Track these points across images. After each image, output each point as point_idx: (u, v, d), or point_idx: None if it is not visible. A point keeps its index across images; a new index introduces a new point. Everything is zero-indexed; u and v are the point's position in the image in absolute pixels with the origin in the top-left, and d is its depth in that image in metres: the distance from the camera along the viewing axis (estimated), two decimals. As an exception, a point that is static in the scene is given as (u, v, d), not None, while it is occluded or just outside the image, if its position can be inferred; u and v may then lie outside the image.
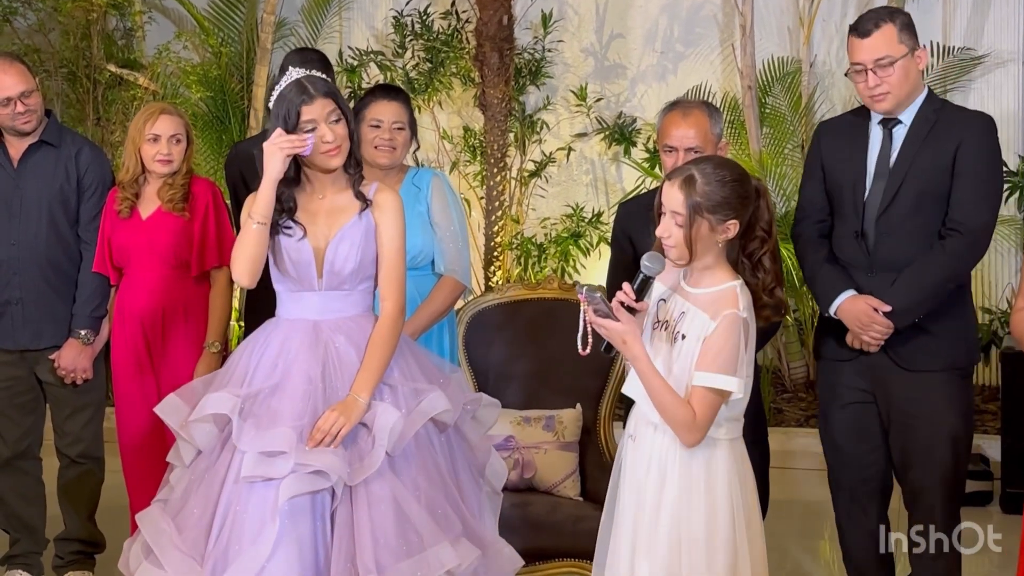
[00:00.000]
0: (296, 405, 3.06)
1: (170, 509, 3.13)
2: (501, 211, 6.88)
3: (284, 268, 3.21)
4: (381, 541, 2.97)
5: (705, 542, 2.86)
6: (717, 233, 2.88)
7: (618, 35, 7.28)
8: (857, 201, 3.62)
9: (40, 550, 4.49)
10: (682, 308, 2.92)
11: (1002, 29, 6.68)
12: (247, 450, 3.01)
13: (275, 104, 3.18)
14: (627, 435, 3.03)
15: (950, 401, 3.59)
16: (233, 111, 7.33)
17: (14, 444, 4.36)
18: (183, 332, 4.16)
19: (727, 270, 2.93)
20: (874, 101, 3.58)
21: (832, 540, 3.97)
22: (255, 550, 2.94)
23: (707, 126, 3.72)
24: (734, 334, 2.83)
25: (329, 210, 3.22)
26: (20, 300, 4.26)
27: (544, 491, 3.94)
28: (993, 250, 6.61)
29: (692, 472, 2.88)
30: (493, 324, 4.25)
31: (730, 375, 2.82)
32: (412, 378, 3.20)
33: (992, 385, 6.62)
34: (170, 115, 4.18)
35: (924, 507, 3.63)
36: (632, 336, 2.86)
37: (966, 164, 3.52)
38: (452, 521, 3.08)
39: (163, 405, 3.22)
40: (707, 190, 2.85)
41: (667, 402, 2.84)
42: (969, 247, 3.55)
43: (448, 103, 7.25)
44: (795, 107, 6.80)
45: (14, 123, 4.22)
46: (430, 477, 3.12)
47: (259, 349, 3.19)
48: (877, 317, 3.53)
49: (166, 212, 4.15)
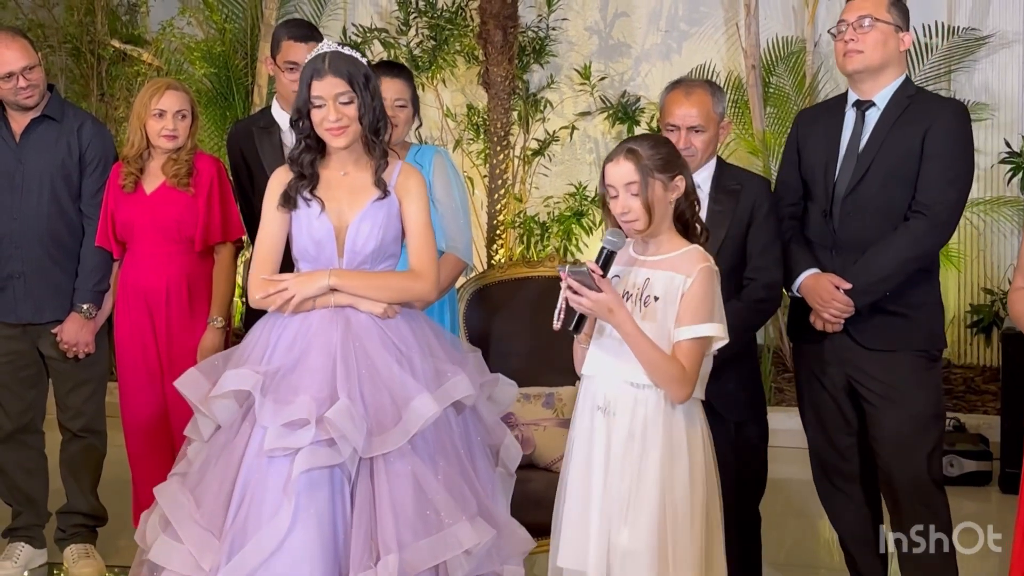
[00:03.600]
0: (316, 379, 3.07)
1: (188, 483, 3.14)
2: (504, 189, 6.87)
3: (304, 245, 3.23)
4: (401, 518, 2.98)
5: (688, 504, 2.96)
6: (669, 192, 3.04)
7: (622, 14, 7.27)
8: (828, 181, 3.66)
9: (42, 523, 4.52)
10: (645, 276, 3.05)
11: (1007, 9, 6.66)
12: (268, 425, 3.01)
13: (302, 71, 3.24)
14: (594, 408, 3.08)
15: (916, 383, 3.61)
16: (237, 87, 7.32)
17: (17, 418, 4.39)
18: (187, 307, 4.17)
19: (678, 236, 3.09)
20: (845, 59, 3.63)
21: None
22: (274, 525, 2.94)
23: (709, 105, 3.73)
24: (710, 285, 2.99)
25: (351, 187, 3.24)
26: (22, 274, 4.27)
27: (543, 467, 3.95)
28: (995, 231, 6.63)
29: (673, 434, 2.99)
30: (494, 301, 4.26)
31: (716, 322, 2.98)
32: (434, 356, 3.20)
33: (992, 366, 6.64)
34: (176, 91, 4.18)
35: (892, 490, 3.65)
36: (617, 303, 2.97)
37: (934, 147, 3.55)
38: (469, 501, 3.09)
39: (183, 379, 3.22)
40: (651, 152, 3.02)
41: (657, 360, 2.95)
42: (933, 228, 3.57)
43: (452, 81, 7.24)
44: (799, 87, 6.79)
45: (16, 98, 4.23)
46: (447, 456, 3.12)
47: (279, 327, 3.20)
48: (837, 294, 3.56)
49: (170, 187, 4.16)
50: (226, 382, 3.11)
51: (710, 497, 3.02)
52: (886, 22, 3.59)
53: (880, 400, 3.60)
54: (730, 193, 3.75)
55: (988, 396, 6.36)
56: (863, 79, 3.63)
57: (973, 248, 6.65)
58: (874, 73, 3.61)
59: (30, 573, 4.47)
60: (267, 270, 3.24)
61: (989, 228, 6.65)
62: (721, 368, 3.22)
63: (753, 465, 3.86)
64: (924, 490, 3.60)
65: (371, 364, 3.12)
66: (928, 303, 3.67)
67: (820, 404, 3.75)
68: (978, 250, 6.68)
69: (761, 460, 3.89)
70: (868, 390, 3.62)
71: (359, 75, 3.19)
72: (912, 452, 3.58)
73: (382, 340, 3.16)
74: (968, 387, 6.53)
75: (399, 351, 3.17)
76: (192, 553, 2.99)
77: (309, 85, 3.17)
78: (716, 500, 3.05)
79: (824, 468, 3.81)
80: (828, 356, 3.68)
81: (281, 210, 3.24)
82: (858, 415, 3.70)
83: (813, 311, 3.63)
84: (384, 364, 3.13)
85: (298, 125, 3.23)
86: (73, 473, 4.47)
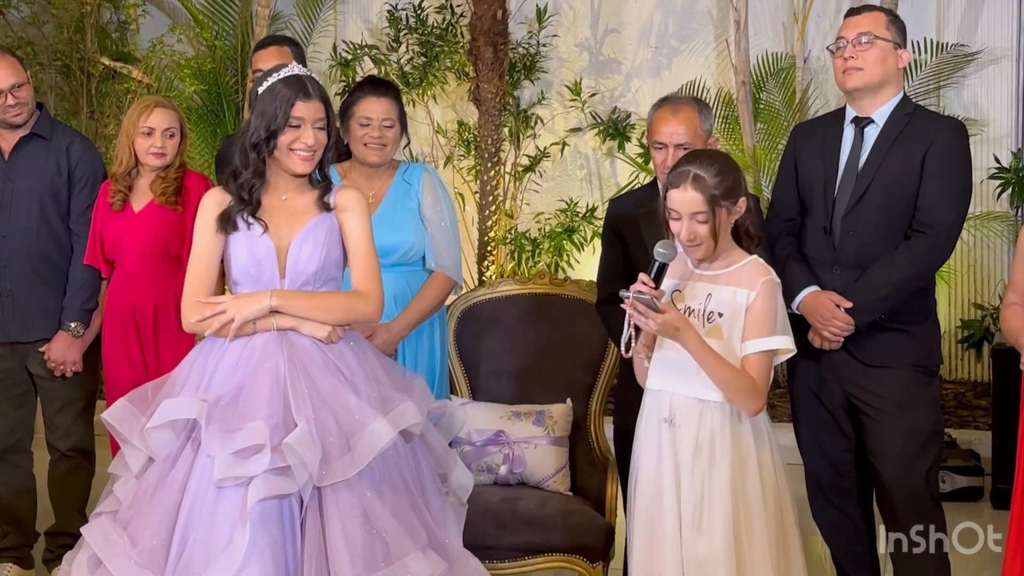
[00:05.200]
0: (264, 405, 2.95)
1: (120, 520, 2.98)
2: (495, 206, 6.88)
3: (243, 265, 3.12)
4: (352, 550, 2.87)
5: (762, 511, 3.01)
6: (732, 215, 3.07)
7: (613, 30, 7.29)
8: (827, 198, 3.65)
9: (30, 543, 4.49)
10: (707, 291, 3.08)
11: (996, 26, 6.70)
12: (216, 454, 2.88)
13: (265, 94, 3.10)
14: (660, 420, 3.10)
15: (914, 398, 3.60)
16: (227, 105, 7.32)
17: (5, 437, 4.35)
18: (174, 325, 4.13)
19: (737, 247, 3.11)
20: (845, 76, 3.63)
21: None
22: (228, 557, 2.82)
23: (696, 122, 3.73)
24: (775, 298, 3.04)
25: (290, 210, 3.15)
26: (10, 292, 4.25)
27: (534, 486, 3.93)
28: (985, 246, 6.64)
29: (742, 442, 3.03)
30: (484, 319, 4.25)
31: (782, 335, 3.04)
32: (378, 382, 3.10)
33: (983, 381, 6.64)
34: (164, 108, 4.18)
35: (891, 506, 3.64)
36: (683, 323, 3.00)
37: (934, 166, 3.55)
38: (418, 532, 2.99)
39: (112, 411, 3.08)
40: (717, 180, 3.03)
41: (728, 375, 2.98)
42: (934, 248, 3.58)
43: (442, 97, 7.25)
44: (789, 103, 6.81)
45: (5, 116, 4.21)
46: (395, 485, 3.02)
47: (216, 353, 3.08)
48: (838, 312, 3.55)
49: (159, 205, 4.14)
50: (166, 412, 2.97)
51: (782, 501, 3.07)
52: (885, 39, 3.59)
53: (879, 414, 3.59)
54: None
55: (979, 411, 6.36)
56: (862, 96, 3.63)
57: (963, 263, 6.66)
58: (873, 90, 3.62)
59: (18, 594, 4.45)
60: (202, 292, 3.12)
61: (979, 243, 6.66)
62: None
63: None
64: (922, 505, 3.59)
65: (315, 389, 3.01)
66: (926, 319, 3.67)
67: (817, 420, 3.74)
68: (968, 265, 6.70)
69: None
70: (867, 405, 3.61)
71: (329, 102, 3.15)
72: (911, 467, 3.57)
73: (325, 364, 3.06)
74: (959, 402, 6.53)
75: (342, 375, 3.06)
76: None
77: (292, 104, 3.07)
78: (788, 504, 3.09)
79: (819, 484, 3.80)
80: (825, 372, 3.68)
81: (218, 232, 3.13)
82: (856, 431, 3.69)
83: (812, 329, 3.62)
84: (330, 389, 3.02)
85: (264, 145, 3.09)
86: (62, 493, 4.44)
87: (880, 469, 3.62)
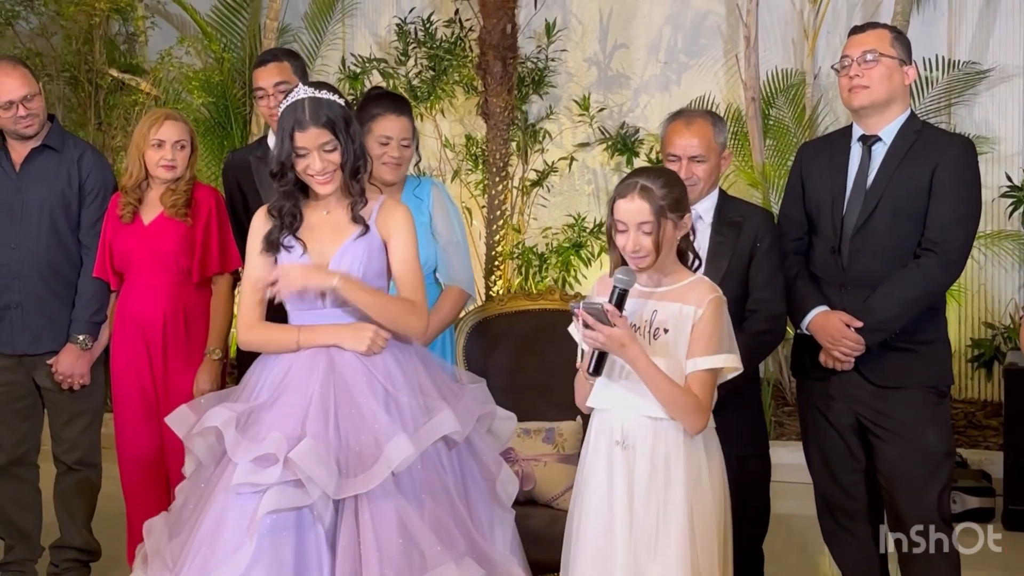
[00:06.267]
0: (290, 418, 3.03)
1: (170, 519, 3.15)
2: (502, 220, 6.85)
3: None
4: (386, 560, 2.92)
5: (714, 530, 2.98)
6: (678, 230, 3.04)
7: (622, 45, 7.27)
8: (835, 217, 3.64)
9: (35, 557, 4.47)
10: (653, 308, 3.04)
11: (1007, 43, 6.68)
12: (239, 460, 2.98)
13: (278, 123, 3.19)
14: (609, 444, 3.05)
15: (925, 419, 3.58)
16: (235, 117, 7.31)
17: (11, 450, 4.34)
18: (184, 339, 4.14)
19: (682, 266, 3.10)
20: (851, 95, 3.62)
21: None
22: (228, 568, 2.90)
23: (710, 135, 3.72)
24: (720, 315, 3.00)
25: (333, 225, 3.21)
26: (19, 304, 4.24)
27: (543, 504, 3.91)
28: (996, 265, 6.61)
29: (695, 465, 2.99)
30: (493, 334, 4.23)
31: (728, 352, 2.99)
32: (423, 393, 3.16)
33: (995, 401, 6.61)
34: (175, 121, 4.17)
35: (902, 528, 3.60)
36: (630, 338, 2.96)
37: (943, 185, 3.53)
38: (456, 540, 3.04)
39: (174, 416, 3.22)
40: (664, 192, 3.01)
41: (673, 393, 2.95)
42: (944, 267, 3.56)
43: (450, 111, 7.23)
44: (799, 119, 6.79)
45: (16, 127, 4.21)
46: (435, 495, 3.08)
47: (269, 366, 3.18)
48: (848, 332, 3.53)
49: (168, 218, 4.13)
50: (206, 419, 3.10)
51: (727, 524, 3.06)
52: (890, 56, 3.58)
53: (890, 436, 3.57)
54: (732, 225, 3.73)
55: (989, 431, 6.32)
56: (869, 114, 3.61)
57: (974, 282, 6.64)
58: (880, 108, 3.60)
59: (22, 608, 4.42)
60: (256, 313, 3.23)
61: (990, 262, 6.63)
62: (723, 401, 3.19)
63: (756, 501, 3.82)
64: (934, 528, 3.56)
65: (354, 403, 3.08)
66: (937, 339, 3.64)
67: (826, 441, 3.71)
68: (979, 284, 6.67)
69: (764, 496, 3.86)
70: (877, 426, 3.59)
71: (339, 120, 3.15)
72: (922, 490, 3.55)
73: (367, 379, 3.12)
74: (969, 422, 6.49)
75: (385, 391, 3.12)
76: None
77: (292, 136, 3.13)
78: (730, 527, 3.08)
79: (829, 506, 3.77)
80: (834, 392, 3.65)
81: (265, 253, 3.23)
82: (865, 452, 3.66)
83: (823, 349, 3.60)
84: (367, 403, 3.08)
85: (280, 177, 3.18)
86: (67, 507, 4.42)
87: (890, 491, 3.60)
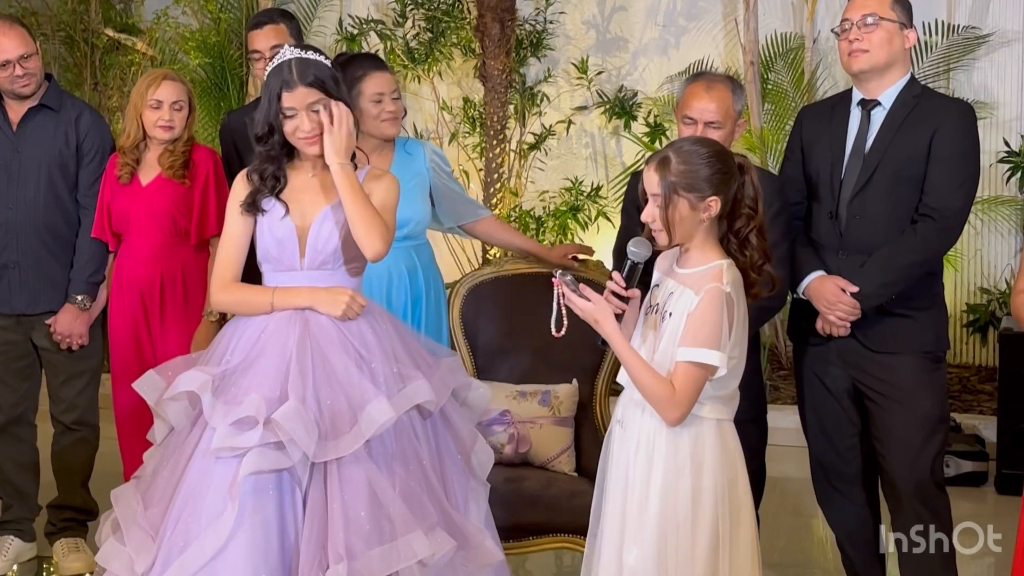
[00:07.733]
0: (267, 380, 2.99)
1: (140, 486, 3.11)
2: (500, 183, 6.84)
3: (266, 246, 3.16)
4: (353, 526, 2.88)
5: (690, 525, 2.82)
6: (699, 212, 2.84)
7: (620, 8, 7.24)
8: (834, 182, 3.62)
9: (32, 516, 4.49)
10: (671, 289, 2.89)
11: (1007, 8, 6.66)
12: (217, 425, 2.94)
13: (263, 86, 3.16)
14: (615, 421, 3.01)
15: (921, 384, 3.57)
16: (232, 78, 7.27)
17: (9, 410, 4.35)
18: (181, 300, 4.15)
19: (715, 249, 2.89)
20: (851, 59, 3.60)
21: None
22: (216, 528, 2.86)
23: (729, 102, 3.66)
24: (716, 308, 2.78)
25: (318, 187, 3.17)
26: (17, 264, 4.24)
27: (539, 466, 3.92)
28: (993, 231, 6.62)
29: (679, 454, 2.84)
30: (490, 298, 4.23)
31: (712, 349, 2.77)
32: (397, 361, 3.11)
33: (989, 366, 6.63)
34: (172, 81, 4.15)
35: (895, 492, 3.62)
36: (603, 315, 2.85)
37: (942, 150, 3.51)
38: (428, 511, 2.98)
39: (141, 381, 3.16)
40: (682, 169, 2.82)
41: (645, 379, 2.82)
42: (941, 232, 3.55)
43: (448, 74, 7.20)
44: (797, 83, 6.77)
45: (13, 86, 4.19)
46: (408, 465, 3.03)
47: (241, 328, 3.14)
48: (844, 297, 3.53)
49: (166, 179, 4.12)
50: (178, 384, 3.05)
51: (723, 524, 2.83)
52: (891, 20, 3.56)
53: (885, 401, 3.58)
54: None
55: (983, 396, 6.35)
56: (868, 78, 3.59)
57: (970, 248, 6.64)
58: (880, 72, 3.58)
59: (19, 567, 4.44)
60: (231, 273, 3.18)
61: (986, 227, 6.64)
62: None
63: (752, 465, 3.80)
64: (927, 492, 3.58)
65: (329, 367, 3.04)
66: (934, 305, 3.64)
67: (822, 405, 3.72)
68: (975, 250, 6.68)
69: (759, 462, 3.86)
70: (873, 391, 3.60)
71: (328, 79, 3.11)
72: (917, 454, 3.55)
73: (341, 343, 3.08)
74: (964, 387, 6.52)
75: (359, 355, 3.08)
76: (130, 555, 2.95)
77: (279, 97, 3.09)
78: (728, 527, 2.84)
79: (824, 470, 3.78)
80: (831, 357, 3.66)
81: (245, 214, 3.18)
82: (861, 416, 3.68)
83: (819, 315, 3.60)
84: (342, 367, 3.04)
85: (265, 140, 3.14)
86: (65, 466, 4.43)
87: (885, 456, 3.61)
